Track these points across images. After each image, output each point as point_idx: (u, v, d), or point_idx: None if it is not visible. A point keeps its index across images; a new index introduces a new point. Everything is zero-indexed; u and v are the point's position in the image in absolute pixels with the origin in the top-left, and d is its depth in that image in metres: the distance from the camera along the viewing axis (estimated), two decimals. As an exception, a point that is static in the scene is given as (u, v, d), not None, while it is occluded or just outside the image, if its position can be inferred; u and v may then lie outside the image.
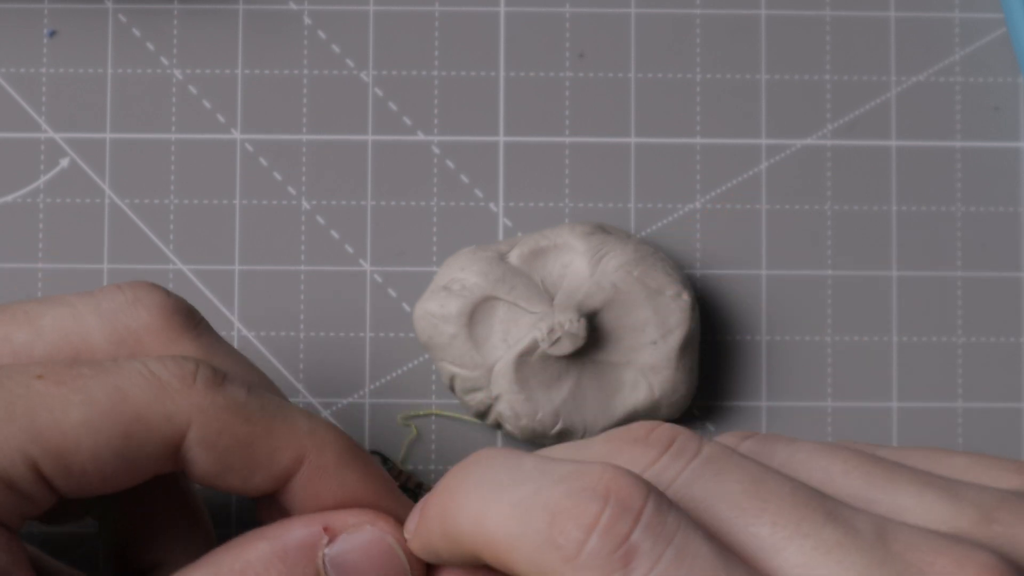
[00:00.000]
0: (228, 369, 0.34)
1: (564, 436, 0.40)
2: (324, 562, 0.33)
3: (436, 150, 0.42)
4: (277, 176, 0.42)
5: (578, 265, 0.40)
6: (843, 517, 0.29)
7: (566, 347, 0.39)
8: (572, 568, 0.28)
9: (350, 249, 0.42)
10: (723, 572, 0.28)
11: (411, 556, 0.33)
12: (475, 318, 0.40)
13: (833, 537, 0.29)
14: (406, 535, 0.33)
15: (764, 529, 0.29)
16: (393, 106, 0.42)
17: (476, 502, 0.30)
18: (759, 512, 0.29)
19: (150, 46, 0.42)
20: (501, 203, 0.42)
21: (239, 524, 0.41)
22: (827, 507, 0.29)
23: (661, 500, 0.28)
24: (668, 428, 0.31)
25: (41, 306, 0.34)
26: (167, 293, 0.35)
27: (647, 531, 0.28)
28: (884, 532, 0.29)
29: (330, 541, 0.33)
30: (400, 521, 0.34)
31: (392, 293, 0.42)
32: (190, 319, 0.35)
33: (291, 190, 0.42)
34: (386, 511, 0.34)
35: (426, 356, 0.42)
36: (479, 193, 0.42)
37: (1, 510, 0.31)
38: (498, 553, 0.29)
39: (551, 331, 0.39)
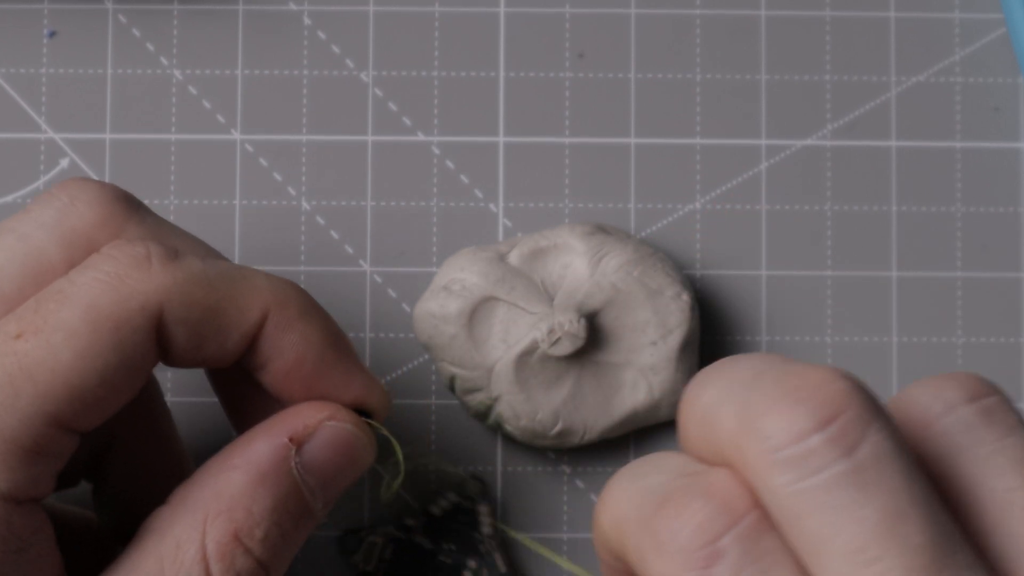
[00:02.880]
0: (177, 244, 0.34)
1: (564, 437, 0.40)
2: (297, 470, 0.34)
3: (436, 150, 0.42)
4: (277, 176, 0.42)
5: (578, 265, 0.40)
6: None
7: (566, 347, 0.39)
8: (659, 555, 0.28)
9: (350, 249, 0.42)
10: None
11: (369, 435, 0.35)
12: (475, 318, 0.40)
13: None
14: None
15: None
16: (393, 106, 0.42)
17: (618, 490, 0.30)
18: (872, 561, 0.26)
19: (150, 46, 0.42)
20: (501, 203, 0.42)
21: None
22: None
23: (762, 522, 0.27)
24: (838, 395, 0.27)
25: None
26: (99, 183, 0.35)
27: (738, 541, 0.27)
28: None
29: (297, 449, 0.34)
30: (348, 371, 0.35)
31: (392, 293, 0.42)
32: (130, 203, 0.35)
33: (291, 190, 0.42)
34: (339, 364, 0.35)
35: (426, 356, 0.42)
36: (479, 193, 0.42)
37: (36, 482, 0.31)
38: (620, 535, 0.29)
39: (551, 331, 0.39)
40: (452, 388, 0.41)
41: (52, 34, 0.42)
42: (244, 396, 0.36)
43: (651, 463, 0.30)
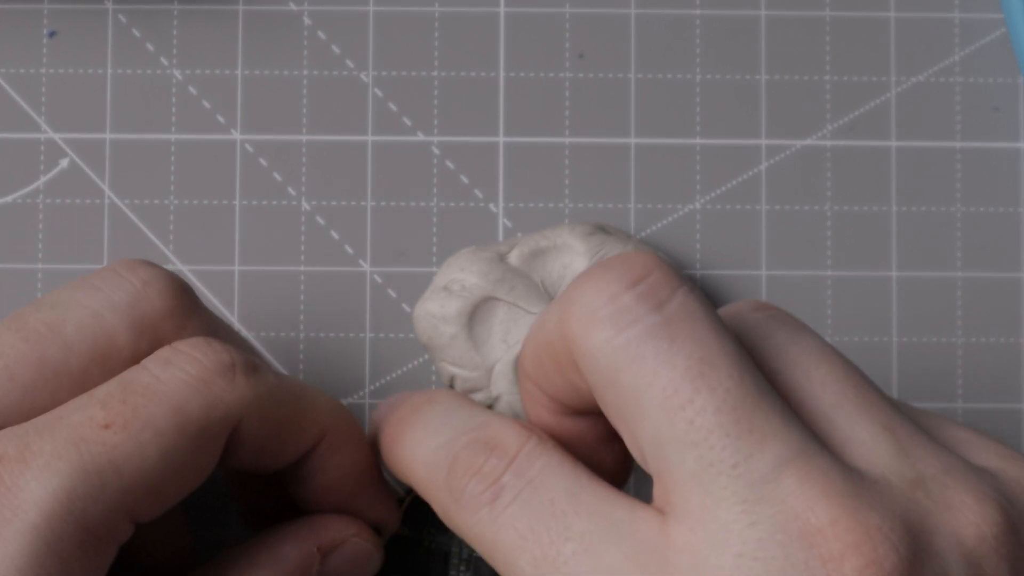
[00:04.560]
0: (229, 342, 0.35)
1: (564, 436, 0.40)
2: None
3: (436, 150, 0.42)
4: (277, 176, 0.42)
5: (578, 266, 0.40)
6: (759, 435, 0.28)
7: (566, 348, 0.39)
8: (458, 507, 0.32)
9: (350, 249, 0.42)
10: (571, 512, 0.30)
11: (381, 554, 0.37)
12: (475, 319, 0.40)
13: (728, 462, 0.28)
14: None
15: (681, 425, 0.28)
16: (393, 106, 0.42)
17: (412, 442, 0.34)
18: (685, 404, 0.28)
19: (150, 46, 0.42)
20: (501, 204, 0.42)
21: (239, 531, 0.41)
22: (754, 421, 0.28)
23: (534, 450, 0.31)
24: (644, 262, 0.30)
25: (56, 312, 0.34)
26: (168, 272, 0.35)
27: (514, 474, 0.31)
28: (779, 473, 0.28)
29: (322, 558, 0.35)
30: (377, 494, 0.37)
31: (392, 293, 0.42)
32: (193, 297, 0.35)
33: (291, 190, 0.42)
34: (371, 487, 0.36)
35: (426, 356, 0.42)
36: (479, 193, 0.42)
37: (101, 568, 0.32)
38: (423, 492, 0.33)
39: (551, 332, 0.39)
40: (452, 388, 0.41)
41: (52, 34, 0.42)
42: (264, 497, 0.37)
43: (440, 415, 0.34)
